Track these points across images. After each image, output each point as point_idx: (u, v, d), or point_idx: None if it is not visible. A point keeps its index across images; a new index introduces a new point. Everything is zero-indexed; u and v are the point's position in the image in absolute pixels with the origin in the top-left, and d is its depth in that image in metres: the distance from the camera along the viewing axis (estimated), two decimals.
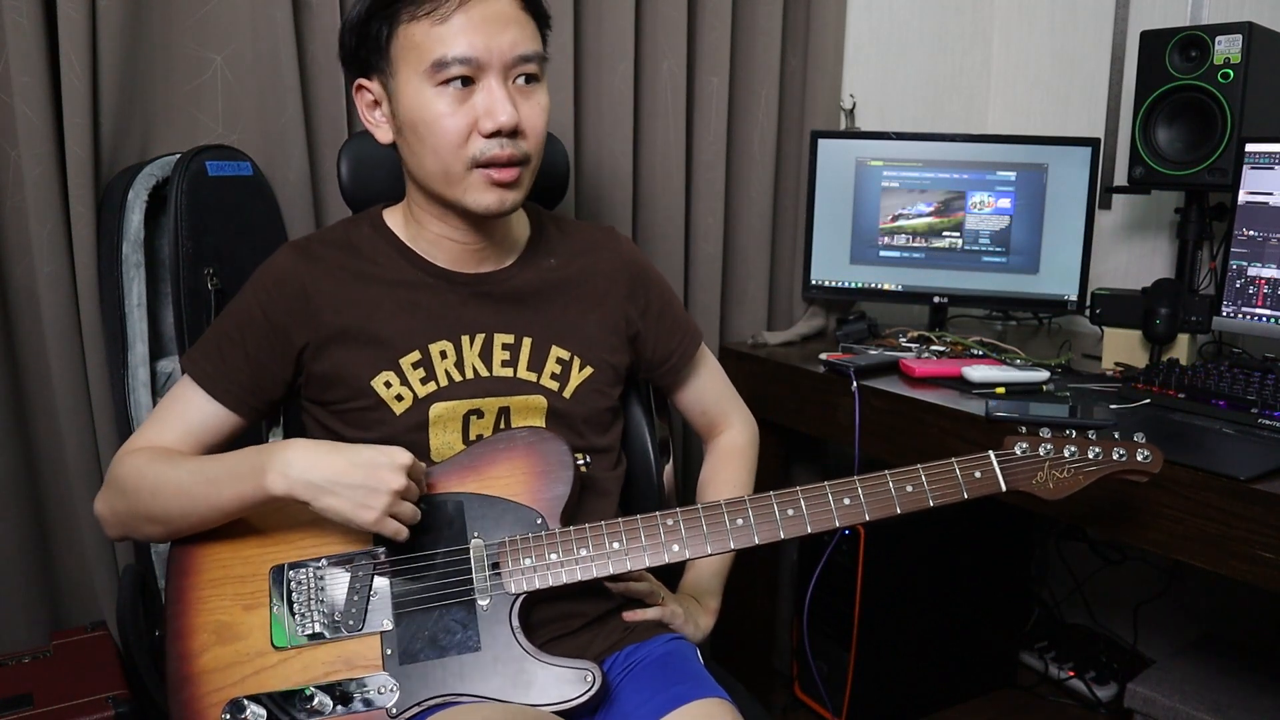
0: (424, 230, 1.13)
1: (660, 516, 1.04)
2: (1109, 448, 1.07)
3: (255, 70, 1.47)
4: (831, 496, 1.04)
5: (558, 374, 1.15)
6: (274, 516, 1.05)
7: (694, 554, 1.03)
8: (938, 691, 2.13)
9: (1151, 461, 1.07)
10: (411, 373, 1.10)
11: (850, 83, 2.13)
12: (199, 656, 1.00)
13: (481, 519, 1.05)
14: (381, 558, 1.03)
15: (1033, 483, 1.06)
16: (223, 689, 0.99)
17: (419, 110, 1.02)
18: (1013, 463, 1.06)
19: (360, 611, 1.01)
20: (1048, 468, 1.06)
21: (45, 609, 1.44)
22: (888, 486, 1.04)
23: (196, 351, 1.11)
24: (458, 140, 1.01)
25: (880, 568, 1.91)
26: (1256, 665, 1.86)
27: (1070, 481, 1.06)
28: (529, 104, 1.04)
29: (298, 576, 1.02)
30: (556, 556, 1.03)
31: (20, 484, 1.40)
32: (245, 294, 1.11)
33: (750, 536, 1.03)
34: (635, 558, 1.03)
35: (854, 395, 1.62)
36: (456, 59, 0.99)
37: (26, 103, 1.28)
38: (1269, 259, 1.57)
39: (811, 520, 1.03)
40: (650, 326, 1.24)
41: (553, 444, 1.08)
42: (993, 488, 1.05)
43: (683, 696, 1.03)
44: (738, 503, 1.04)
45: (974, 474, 1.05)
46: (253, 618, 1.01)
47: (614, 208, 1.82)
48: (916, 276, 1.97)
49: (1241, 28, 1.63)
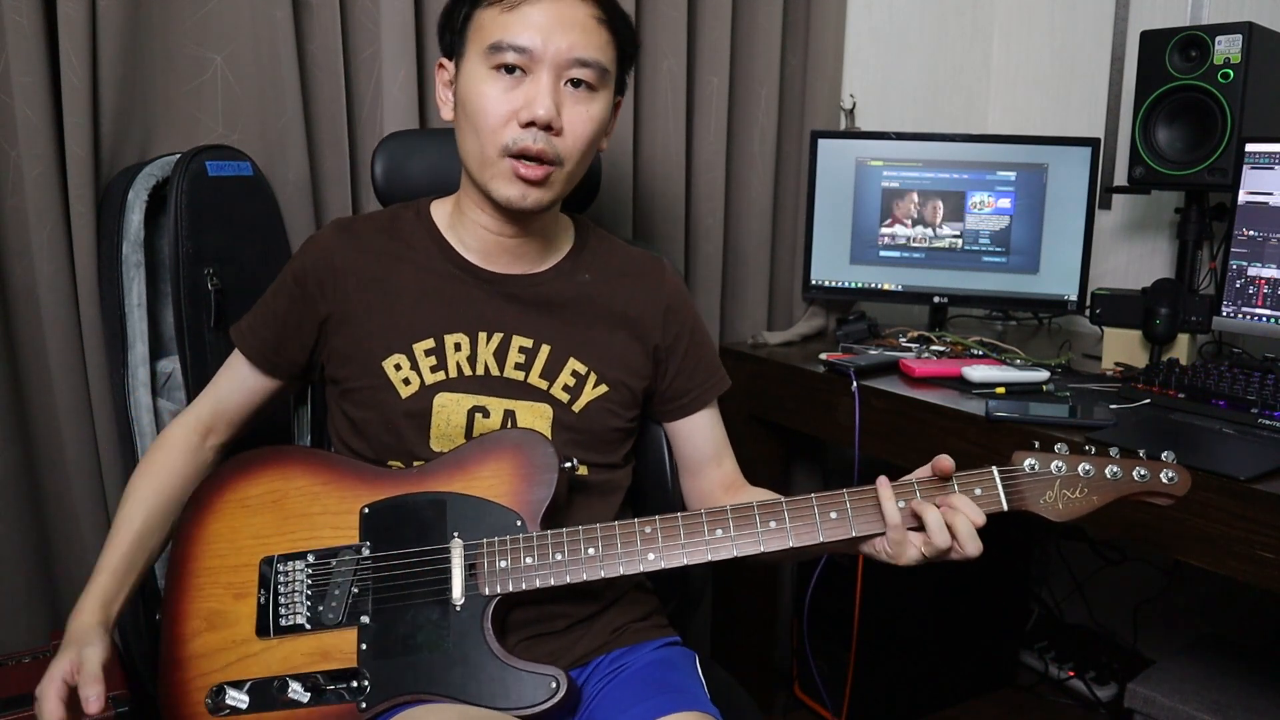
0: (465, 219, 1.14)
1: (639, 524, 1.01)
2: (1129, 467, 0.99)
3: (255, 70, 1.47)
4: (818, 512, 1.00)
5: (570, 386, 1.14)
6: (269, 510, 1.07)
7: (669, 564, 1.00)
8: (938, 691, 2.12)
9: (1178, 484, 0.98)
10: (423, 359, 1.11)
11: (850, 83, 2.13)
12: (189, 641, 1.03)
13: (463, 519, 1.04)
14: (366, 554, 1.04)
15: (1040, 502, 0.98)
16: (208, 674, 1.02)
17: (470, 88, 1.05)
18: (1019, 479, 0.99)
19: (341, 606, 1.02)
20: (1058, 486, 0.99)
21: (45, 609, 1.44)
22: (877, 502, 0.99)
23: (245, 316, 1.20)
24: (496, 124, 1.03)
25: (880, 567, 1.88)
26: (1256, 665, 1.86)
27: (1082, 503, 0.98)
28: (576, 108, 1.05)
29: (285, 569, 1.04)
30: (532, 560, 1.01)
31: (20, 484, 1.40)
32: (289, 262, 1.18)
33: (729, 548, 1.00)
34: (609, 566, 1.01)
35: (854, 395, 1.62)
36: (511, 45, 1.01)
37: (26, 103, 1.28)
38: (1269, 259, 1.57)
39: (795, 535, 0.99)
40: (675, 361, 1.22)
41: (540, 446, 1.07)
42: (993, 506, 0.98)
43: (663, 708, 1.01)
44: (718, 513, 1.01)
45: (973, 491, 0.99)
46: (241, 606, 1.03)
47: (614, 208, 1.82)
48: (916, 276, 1.97)
49: (1241, 28, 1.63)
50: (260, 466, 1.10)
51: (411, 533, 1.04)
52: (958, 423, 1.48)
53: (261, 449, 1.12)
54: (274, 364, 1.17)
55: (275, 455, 1.12)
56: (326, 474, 1.09)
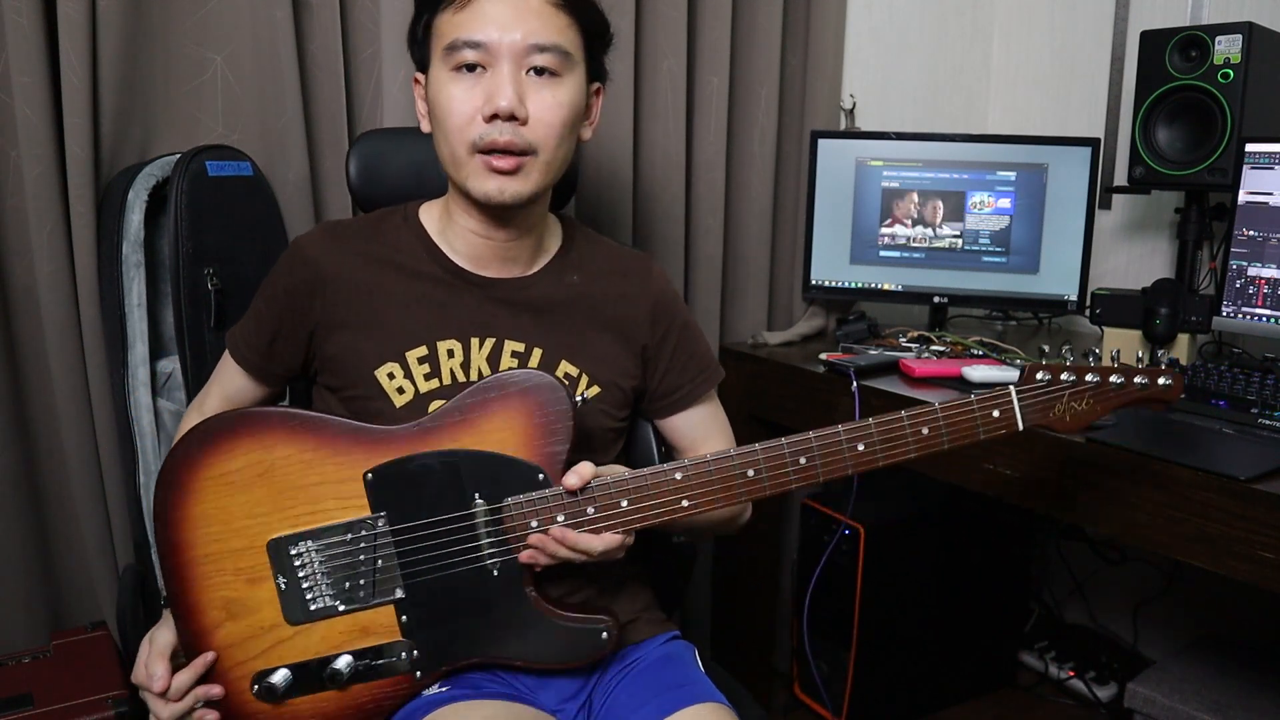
0: (453, 224, 1.13)
1: (669, 470, 1.00)
2: (1130, 375, 1.07)
3: (255, 70, 1.47)
4: (845, 441, 1.01)
5: None
6: (259, 485, 1.02)
7: (705, 507, 1.01)
8: (938, 691, 2.12)
9: (1172, 387, 1.07)
10: (416, 367, 1.10)
11: (850, 83, 2.13)
12: (214, 633, 1.02)
13: (481, 478, 1.01)
14: (382, 526, 1.01)
15: (1050, 416, 1.05)
16: (245, 662, 1.02)
17: (435, 93, 1.05)
18: (1033, 395, 1.04)
19: (370, 584, 1.01)
20: (1066, 398, 1.05)
21: (45, 609, 1.44)
22: (904, 428, 1.02)
23: (238, 324, 1.19)
24: (462, 122, 1.03)
25: (880, 568, 1.91)
26: (1256, 665, 1.86)
27: (1087, 413, 1.05)
28: (540, 95, 1.03)
29: (298, 550, 1.01)
30: (564, 516, 1.00)
31: (20, 484, 1.40)
32: (276, 266, 1.16)
33: (761, 487, 1.01)
34: (644, 515, 1.00)
35: (854, 395, 1.62)
36: (466, 41, 1.01)
37: (26, 103, 1.28)
38: (1269, 259, 1.57)
39: (824, 468, 1.01)
40: (665, 359, 1.21)
41: (548, 388, 1.02)
42: (1010, 427, 1.04)
43: (679, 701, 1.02)
44: (749, 453, 1.01)
45: (992, 413, 1.03)
46: (260, 591, 1.02)
47: (614, 208, 1.82)
48: (916, 276, 1.97)
49: (1241, 28, 1.62)
50: (233, 436, 1.02)
51: (428, 498, 1.01)
52: None
53: (225, 415, 1.04)
54: (269, 374, 1.17)
55: (247, 421, 1.03)
56: (314, 438, 1.02)
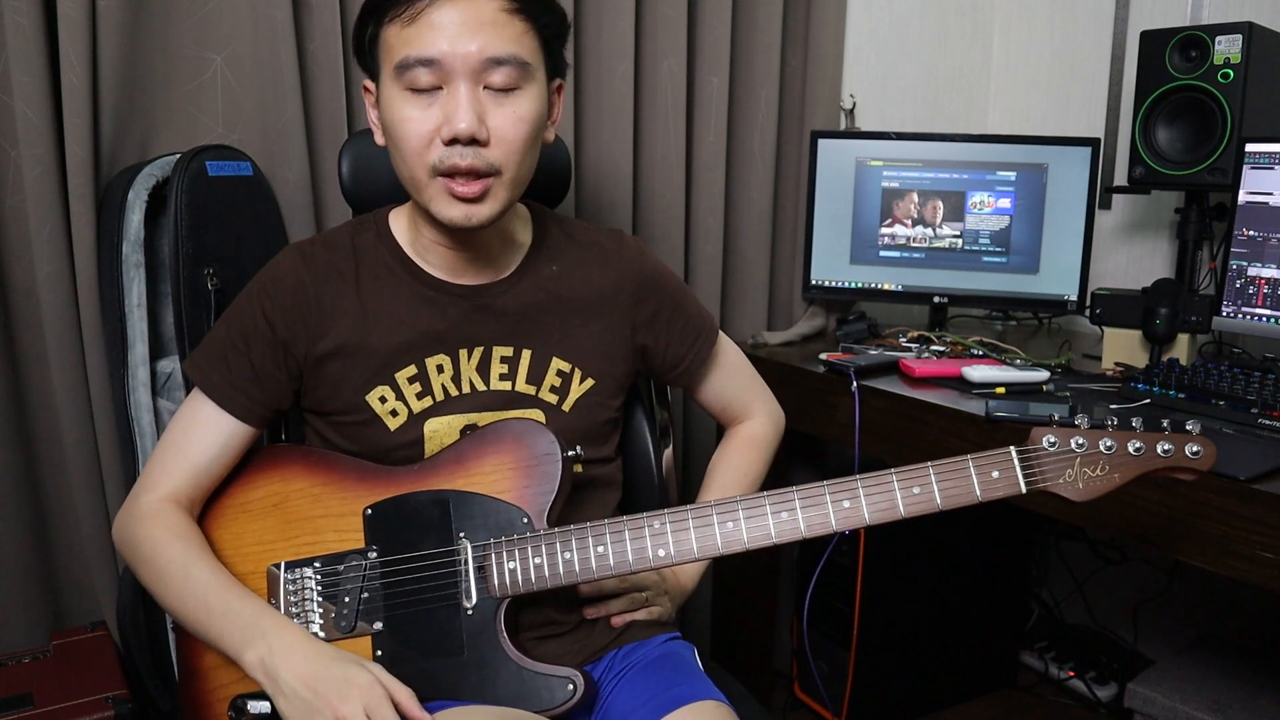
0: (421, 235, 1.10)
1: (647, 519, 1.00)
2: (1153, 441, 0.95)
3: (255, 70, 1.47)
4: (830, 499, 0.97)
5: (557, 387, 1.13)
6: (272, 514, 1.06)
7: (680, 559, 1.00)
8: (938, 691, 2.13)
9: (1203, 458, 0.95)
10: (407, 387, 1.09)
11: (850, 83, 2.13)
12: (207, 653, 1.02)
13: (468, 518, 1.03)
14: (373, 558, 1.03)
15: (1060, 482, 0.95)
16: (227, 685, 1.01)
17: (389, 113, 0.99)
18: (1038, 459, 0.95)
19: (352, 613, 1.01)
20: (1079, 464, 0.95)
21: (45, 609, 1.44)
22: (892, 489, 0.96)
23: (201, 358, 1.08)
24: (419, 145, 0.98)
25: (880, 568, 1.91)
26: (1256, 665, 1.86)
27: (1103, 481, 0.95)
28: (501, 112, 0.98)
29: (292, 577, 1.02)
30: (540, 560, 1.00)
31: (20, 484, 1.40)
32: (249, 298, 1.09)
33: (740, 541, 0.98)
34: (619, 562, 0.99)
35: (854, 395, 1.62)
36: (418, 59, 0.95)
37: (26, 103, 1.28)
38: (1269, 259, 1.57)
39: (807, 525, 0.97)
40: (660, 333, 1.20)
41: (541, 436, 1.04)
42: (1011, 489, 0.94)
43: (680, 698, 1.02)
44: (729, 505, 0.99)
45: (990, 474, 0.95)
46: None
47: (614, 208, 1.82)
48: (916, 276, 1.97)
49: (1241, 28, 1.63)
50: (259, 468, 1.09)
51: (417, 534, 1.03)
52: (958, 423, 1.48)
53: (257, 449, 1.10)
54: (262, 416, 1.09)
55: (272, 455, 1.10)
56: (325, 474, 1.07)
